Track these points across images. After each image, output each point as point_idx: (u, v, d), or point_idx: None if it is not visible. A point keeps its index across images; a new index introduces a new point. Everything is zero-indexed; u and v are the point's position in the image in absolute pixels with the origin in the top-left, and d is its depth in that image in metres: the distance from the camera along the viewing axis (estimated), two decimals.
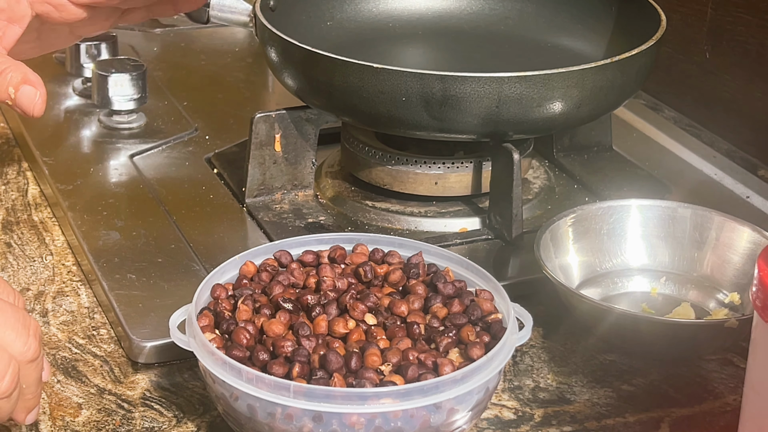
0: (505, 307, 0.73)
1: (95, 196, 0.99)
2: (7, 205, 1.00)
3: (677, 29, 1.15)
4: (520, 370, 0.81)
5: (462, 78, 0.86)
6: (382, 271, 0.77)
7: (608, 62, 0.89)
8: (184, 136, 1.10)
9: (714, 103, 1.15)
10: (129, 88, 1.10)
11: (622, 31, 1.04)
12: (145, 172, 1.03)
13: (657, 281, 0.89)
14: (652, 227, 0.90)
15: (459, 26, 1.11)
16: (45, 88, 0.77)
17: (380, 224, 0.95)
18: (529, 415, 0.76)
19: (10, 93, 0.76)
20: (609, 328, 0.80)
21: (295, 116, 0.97)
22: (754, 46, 1.09)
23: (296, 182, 0.98)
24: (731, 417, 0.75)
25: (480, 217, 0.95)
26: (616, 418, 0.76)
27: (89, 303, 0.87)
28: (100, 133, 1.11)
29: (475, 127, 0.89)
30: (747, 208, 1.01)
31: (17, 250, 0.93)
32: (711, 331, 0.79)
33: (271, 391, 0.65)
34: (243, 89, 1.22)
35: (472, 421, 0.70)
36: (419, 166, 0.96)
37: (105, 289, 0.85)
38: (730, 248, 0.88)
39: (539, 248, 0.84)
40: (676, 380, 0.80)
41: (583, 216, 0.89)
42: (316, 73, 0.91)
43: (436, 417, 0.67)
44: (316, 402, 0.65)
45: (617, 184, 1.01)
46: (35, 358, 0.65)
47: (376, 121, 0.91)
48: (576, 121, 0.93)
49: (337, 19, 1.09)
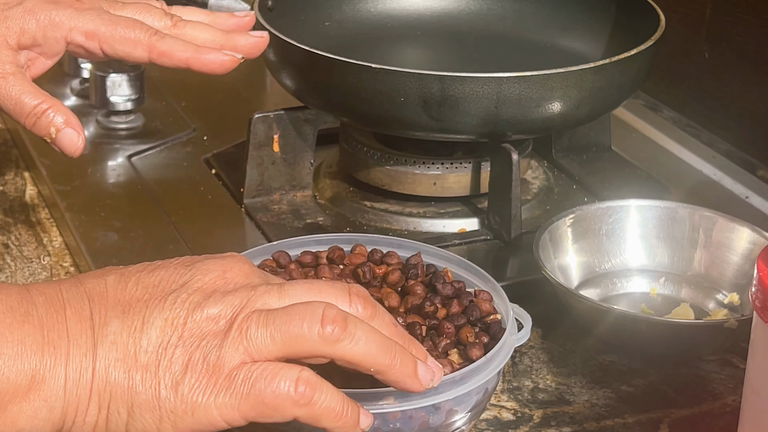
0: (504, 307, 0.73)
1: (93, 196, 0.99)
2: (5, 206, 1.00)
3: (676, 29, 1.14)
4: (519, 370, 0.81)
5: (461, 78, 0.86)
6: (380, 271, 0.77)
7: (607, 62, 0.89)
8: (182, 137, 1.10)
9: (713, 103, 1.14)
10: (127, 88, 1.10)
11: (621, 31, 1.04)
12: (143, 173, 1.03)
13: (656, 282, 0.89)
14: (651, 228, 0.90)
15: (457, 26, 1.11)
16: (83, 129, 0.78)
17: (379, 225, 0.95)
18: (528, 416, 0.76)
19: (51, 133, 0.77)
20: (608, 329, 0.79)
21: (294, 117, 0.96)
22: (753, 47, 1.09)
23: (294, 183, 0.98)
24: (731, 417, 0.75)
25: (479, 217, 0.95)
26: (615, 418, 0.76)
27: None
28: (98, 133, 1.11)
29: (473, 128, 0.89)
30: (746, 209, 1.01)
31: (15, 251, 0.93)
32: (710, 332, 0.78)
33: None
34: (241, 90, 1.22)
35: (471, 422, 0.70)
36: (418, 166, 0.95)
37: None
38: (729, 248, 0.88)
39: (538, 249, 0.84)
40: (676, 381, 0.80)
41: (582, 216, 0.89)
42: (314, 74, 0.91)
43: (434, 418, 0.67)
44: None
45: (616, 184, 1.01)
46: None
47: (374, 122, 0.91)
48: (575, 122, 0.93)
49: (336, 20, 1.09)
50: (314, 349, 0.59)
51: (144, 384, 0.58)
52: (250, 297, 0.60)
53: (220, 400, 0.58)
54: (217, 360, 0.58)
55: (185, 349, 0.58)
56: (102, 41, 0.79)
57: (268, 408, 0.58)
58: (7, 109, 0.78)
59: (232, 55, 0.80)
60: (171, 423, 0.58)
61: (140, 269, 0.62)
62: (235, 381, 0.58)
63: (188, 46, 0.80)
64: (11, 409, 0.57)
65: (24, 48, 0.79)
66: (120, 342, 0.58)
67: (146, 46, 0.79)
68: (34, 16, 0.78)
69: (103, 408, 0.58)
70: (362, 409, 0.60)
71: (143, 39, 0.79)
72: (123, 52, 0.79)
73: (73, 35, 0.79)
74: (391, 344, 0.60)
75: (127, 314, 0.59)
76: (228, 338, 0.58)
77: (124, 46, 0.79)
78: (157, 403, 0.58)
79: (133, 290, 0.60)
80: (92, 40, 0.79)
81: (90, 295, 0.60)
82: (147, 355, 0.58)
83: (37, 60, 0.80)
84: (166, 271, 0.62)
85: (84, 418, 0.58)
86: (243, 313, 0.59)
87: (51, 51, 0.80)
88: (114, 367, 0.58)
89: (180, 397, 0.58)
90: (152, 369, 0.58)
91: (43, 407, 0.57)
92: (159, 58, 0.79)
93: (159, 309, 0.59)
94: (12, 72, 0.77)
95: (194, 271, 0.61)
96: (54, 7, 0.79)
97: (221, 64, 0.80)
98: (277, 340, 0.58)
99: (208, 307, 0.59)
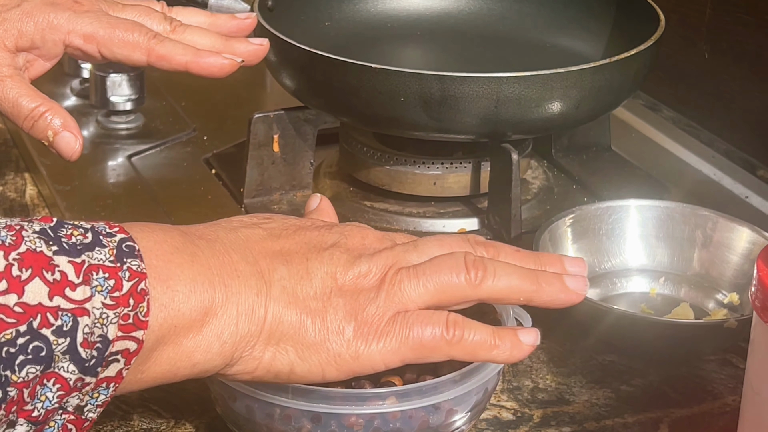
0: (504, 307, 0.73)
1: (93, 197, 0.99)
2: (5, 206, 1.00)
3: (676, 29, 1.14)
4: (519, 370, 0.81)
5: (460, 78, 0.86)
6: None
7: (607, 62, 0.89)
8: (182, 137, 1.10)
9: (713, 103, 1.14)
10: (127, 88, 1.10)
11: (621, 31, 1.04)
12: (143, 173, 1.03)
13: (656, 281, 0.89)
14: (651, 227, 0.90)
15: (457, 26, 1.11)
16: (80, 132, 0.79)
17: (379, 225, 0.95)
18: (528, 415, 0.76)
19: (48, 136, 0.77)
20: (608, 329, 0.79)
21: (294, 117, 0.96)
22: (753, 47, 1.09)
23: (294, 183, 0.98)
24: (730, 417, 0.75)
25: (479, 217, 0.95)
26: (615, 418, 0.76)
27: None
28: (98, 133, 1.11)
29: (473, 128, 0.89)
30: (746, 208, 1.01)
31: None
32: (710, 332, 0.79)
33: (269, 391, 0.65)
34: (241, 89, 1.22)
35: (471, 422, 0.70)
36: (418, 166, 0.95)
37: None
38: (729, 248, 0.88)
39: (538, 249, 0.84)
40: (675, 381, 0.80)
41: (581, 216, 0.89)
42: (314, 74, 0.91)
43: (434, 418, 0.67)
44: (315, 403, 0.65)
45: (616, 184, 1.01)
46: None
47: (374, 122, 0.91)
48: (575, 122, 0.93)
49: (336, 20, 1.09)
50: (464, 293, 0.64)
51: (314, 328, 0.62)
52: (395, 255, 0.65)
53: (381, 346, 0.62)
54: (376, 310, 0.63)
55: (346, 300, 0.63)
56: (100, 44, 0.79)
57: (426, 349, 0.63)
58: (5, 111, 0.78)
59: (231, 59, 0.81)
60: (336, 366, 0.62)
61: (281, 226, 0.66)
62: (394, 328, 0.63)
63: (188, 50, 0.80)
64: (186, 343, 0.60)
65: (22, 50, 0.79)
66: (289, 287, 0.62)
67: (145, 49, 0.79)
68: (32, 19, 0.78)
69: (272, 345, 0.62)
70: (520, 330, 0.65)
71: (142, 42, 0.79)
72: (121, 55, 0.79)
73: (71, 38, 0.79)
74: (528, 271, 0.66)
75: (291, 263, 0.63)
76: (382, 291, 0.63)
77: (122, 50, 0.79)
78: (325, 346, 0.62)
79: (287, 244, 0.65)
80: (91, 43, 0.79)
81: (247, 243, 0.64)
82: (315, 301, 0.62)
83: (36, 62, 0.80)
84: (313, 232, 0.66)
85: (252, 352, 0.62)
86: (392, 270, 0.64)
87: (49, 53, 0.80)
88: (288, 308, 0.62)
89: (346, 343, 0.62)
90: (321, 314, 0.62)
91: (216, 341, 0.60)
92: (158, 62, 0.79)
93: (318, 261, 0.64)
94: (9, 75, 0.77)
95: (338, 234, 0.66)
96: (52, 9, 0.78)
97: (221, 68, 0.80)
98: (430, 289, 0.64)
99: (360, 264, 0.64)
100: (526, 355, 0.65)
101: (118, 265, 0.57)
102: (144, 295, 0.57)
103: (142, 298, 0.57)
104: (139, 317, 0.57)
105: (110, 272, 0.57)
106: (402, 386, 0.66)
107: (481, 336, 0.63)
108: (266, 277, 0.62)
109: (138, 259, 0.58)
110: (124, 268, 0.57)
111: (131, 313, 0.57)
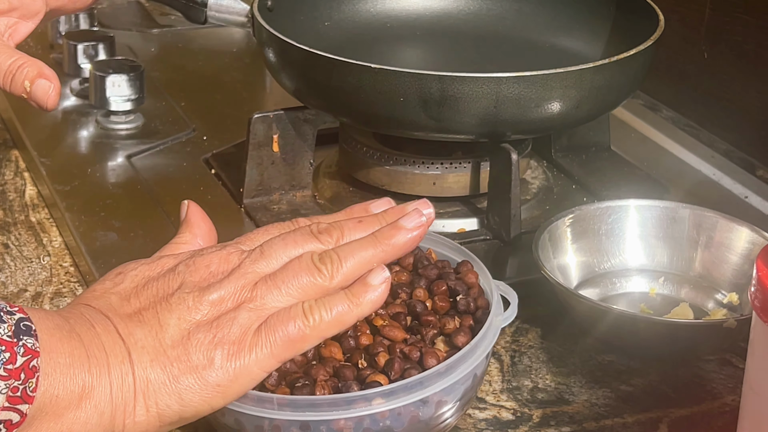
0: (488, 285, 0.73)
1: (93, 196, 0.99)
2: (4, 206, 1.00)
3: (675, 29, 1.14)
4: (519, 370, 0.81)
5: (460, 78, 0.86)
6: None
7: (606, 62, 0.89)
8: (181, 137, 1.10)
9: (712, 103, 1.14)
10: (126, 88, 1.10)
11: (621, 31, 1.04)
12: (142, 173, 1.03)
13: (655, 281, 0.89)
14: (651, 227, 0.90)
15: (457, 26, 1.11)
16: (59, 81, 0.80)
17: None
18: (527, 415, 0.76)
19: (25, 87, 0.79)
20: (607, 329, 0.79)
21: (293, 117, 0.96)
22: (753, 47, 1.09)
23: (294, 183, 0.98)
24: (730, 417, 0.75)
25: (478, 217, 0.95)
26: (614, 418, 0.76)
27: None
28: (97, 133, 1.11)
29: (473, 128, 0.89)
30: (745, 208, 1.01)
31: (15, 251, 0.93)
32: (709, 332, 0.79)
33: (255, 405, 0.65)
34: (241, 90, 1.22)
35: (463, 409, 0.70)
36: (417, 166, 0.95)
37: None
38: (729, 248, 0.88)
39: (537, 248, 0.84)
40: (675, 380, 0.80)
41: (581, 216, 0.89)
42: (313, 74, 0.91)
43: (424, 411, 0.67)
44: (301, 412, 0.65)
45: (615, 184, 1.01)
46: None
47: (374, 122, 0.91)
48: (574, 122, 0.93)
49: (335, 20, 1.09)
50: (324, 288, 0.67)
51: (182, 373, 0.64)
52: (244, 273, 0.67)
53: (254, 357, 0.64)
54: (239, 328, 0.65)
55: (206, 332, 0.64)
56: None
57: (296, 342, 0.65)
58: None
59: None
60: (220, 395, 0.64)
61: (131, 285, 0.68)
62: (260, 337, 0.64)
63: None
64: (67, 416, 0.62)
65: (1, 15, 0.79)
66: (148, 345, 0.64)
67: None
68: None
69: (152, 404, 0.63)
70: (368, 274, 0.67)
71: None
72: None
73: None
74: (368, 239, 0.69)
75: (143, 322, 0.65)
76: (242, 309, 0.65)
77: None
78: (200, 383, 0.64)
79: (137, 303, 0.66)
80: None
81: (105, 313, 0.66)
82: (175, 349, 0.64)
83: (18, 24, 0.81)
84: (159, 281, 0.67)
85: (133, 418, 0.63)
86: (246, 288, 0.66)
87: (29, 11, 0.80)
88: (151, 366, 0.64)
89: (220, 370, 0.64)
90: (184, 358, 0.64)
91: (94, 413, 0.62)
92: None
93: (168, 311, 0.65)
94: None
95: (182, 274, 0.67)
96: None
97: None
98: (293, 293, 0.66)
99: (211, 294, 0.66)
100: (385, 291, 0.67)
101: (15, 340, 0.60)
102: (35, 372, 0.60)
103: (33, 374, 0.60)
104: (27, 392, 0.59)
105: (7, 346, 0.59)
106: (388, 385, 0.65)
107: (338, 306, 0.66)
108: (127, 344, 0.64)
109: (33, 338, 0.60)
110: (20, 344, 0.60)
111: (20, 387, 0.59)
